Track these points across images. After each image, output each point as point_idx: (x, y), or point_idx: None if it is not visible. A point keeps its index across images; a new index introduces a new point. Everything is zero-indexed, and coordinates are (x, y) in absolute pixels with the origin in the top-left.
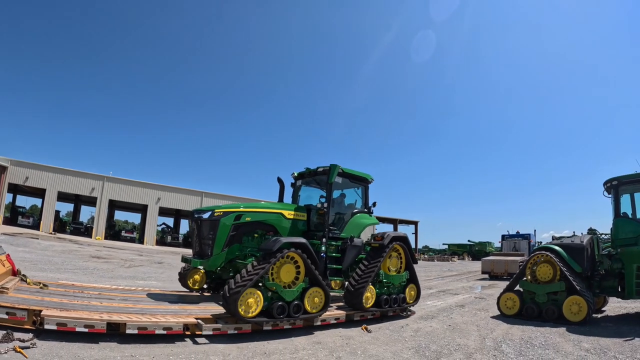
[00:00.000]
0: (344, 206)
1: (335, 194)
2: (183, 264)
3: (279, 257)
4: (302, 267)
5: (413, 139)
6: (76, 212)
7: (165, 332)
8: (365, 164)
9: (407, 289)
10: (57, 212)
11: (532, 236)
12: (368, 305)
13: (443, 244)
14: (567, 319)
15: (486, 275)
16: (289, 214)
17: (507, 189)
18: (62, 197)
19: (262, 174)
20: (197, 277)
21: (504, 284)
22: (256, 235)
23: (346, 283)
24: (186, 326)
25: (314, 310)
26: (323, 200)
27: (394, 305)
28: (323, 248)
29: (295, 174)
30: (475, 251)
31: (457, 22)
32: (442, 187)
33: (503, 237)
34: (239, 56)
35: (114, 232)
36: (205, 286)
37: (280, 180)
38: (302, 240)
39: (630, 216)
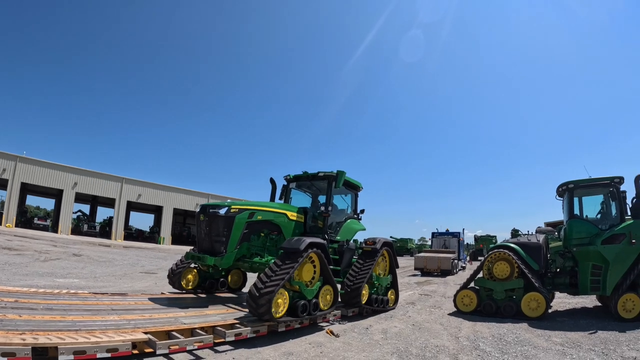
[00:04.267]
0: (337, 211)
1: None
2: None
3: (304, 257)
4: (318, 266)
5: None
6: None
7: (109, 354)
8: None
9: (389, 293)
10: None
11: (461, 234)
12: (363, 302)
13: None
14: (525, 315)
15: (418, 272)
16: (291, 215)
17: (423, 190)
18: None
19: (180, 162)
20: (190, 276)
21: (438, 280)
22: (262, 234)
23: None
24: (134, 344)
25: (325, 308)
26: (309, 204)
27: (380, 305)
28: None
29: (290, 176)
30: (396, 247)
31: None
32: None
33: (433, 234)
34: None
35: (25, 219)
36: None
37: (272, 181)
38: (322, 240)
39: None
